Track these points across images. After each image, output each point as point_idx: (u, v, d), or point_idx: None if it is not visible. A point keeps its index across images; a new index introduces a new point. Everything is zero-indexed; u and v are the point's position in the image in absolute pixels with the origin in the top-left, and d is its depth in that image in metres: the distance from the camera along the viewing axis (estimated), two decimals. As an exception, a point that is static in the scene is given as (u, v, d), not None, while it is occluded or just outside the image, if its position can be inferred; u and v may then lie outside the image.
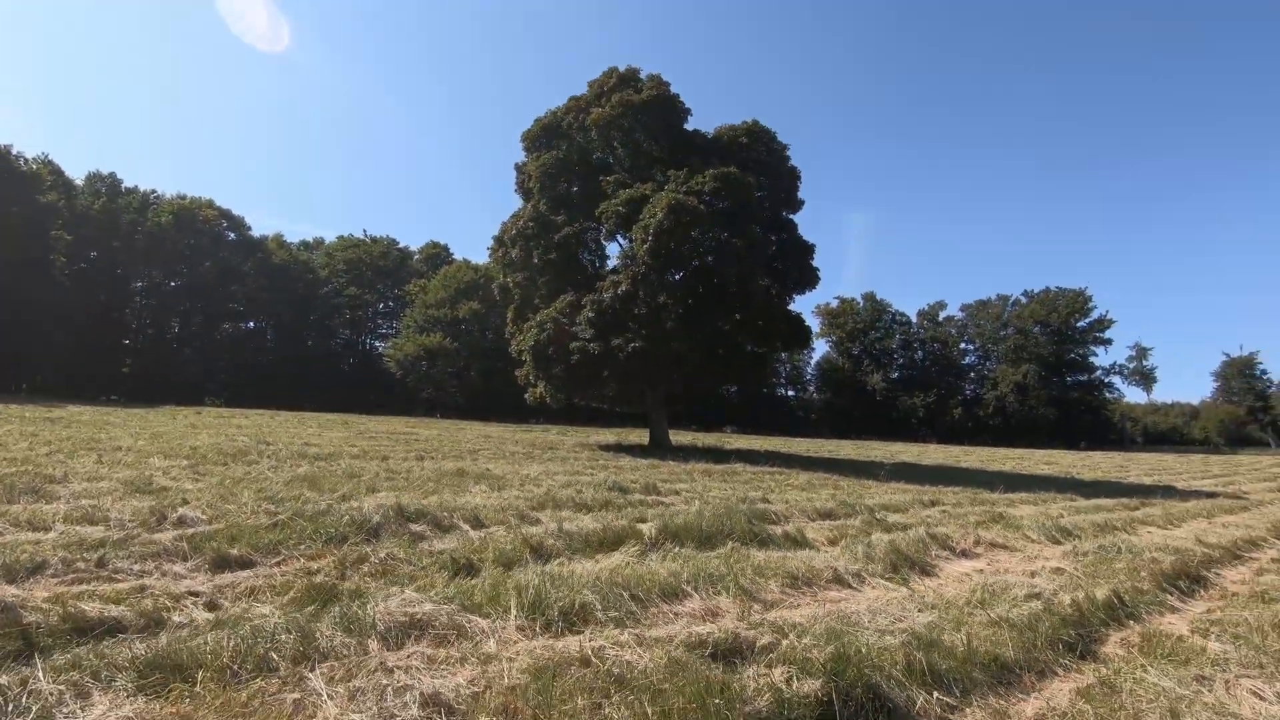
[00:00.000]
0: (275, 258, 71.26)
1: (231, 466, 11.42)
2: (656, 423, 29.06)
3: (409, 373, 64.18)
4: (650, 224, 22.93)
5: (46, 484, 7.82)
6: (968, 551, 7.53)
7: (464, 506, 7.46)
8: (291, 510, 6.60)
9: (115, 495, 7.55)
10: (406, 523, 6.42)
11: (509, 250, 27.85)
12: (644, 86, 27.05)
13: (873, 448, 48.07)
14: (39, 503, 6.91)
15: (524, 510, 7.96)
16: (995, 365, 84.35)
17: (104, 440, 14.48)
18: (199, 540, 5.44)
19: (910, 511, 11.84)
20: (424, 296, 66.62)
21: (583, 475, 14.27)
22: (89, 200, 60.71)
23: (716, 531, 6.76)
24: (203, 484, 9.01)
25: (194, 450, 13.67)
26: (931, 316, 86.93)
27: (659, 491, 12.38)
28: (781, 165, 27.57)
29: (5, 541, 5.09)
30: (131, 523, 6.07)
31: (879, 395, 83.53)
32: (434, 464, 14.68)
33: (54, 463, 9.96)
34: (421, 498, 8.62)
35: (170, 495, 7.74)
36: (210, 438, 17.39)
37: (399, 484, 10.28)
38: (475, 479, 11.74)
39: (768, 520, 9.24)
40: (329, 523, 6.04)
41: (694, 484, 14.17)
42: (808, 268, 27.50)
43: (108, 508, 6.63)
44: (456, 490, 9.89)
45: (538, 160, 27.71)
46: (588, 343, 24.23)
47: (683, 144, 27.30)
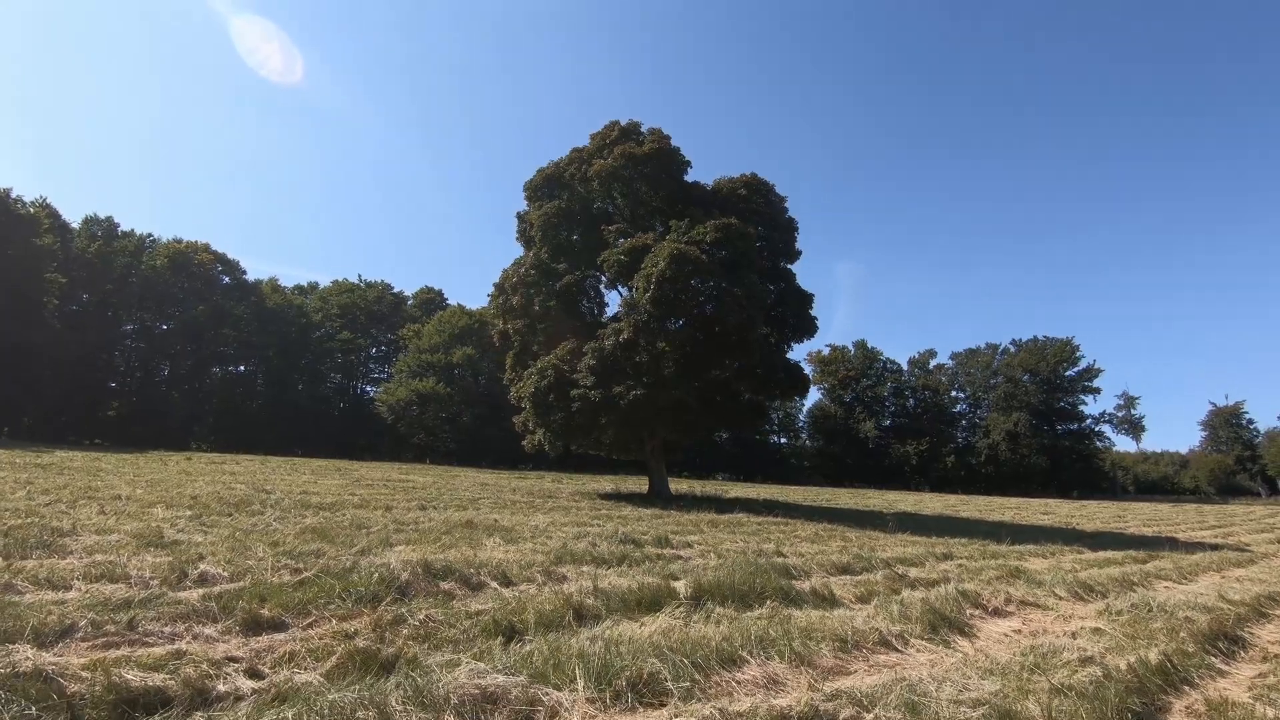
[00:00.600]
0: (269, 301, 71.24)
1: (237, 517, 11.16)
2: (655, 471, 28.81)
3: (400, 418, 63.60)
4: (652, 273, 23.18)
5: (56, 537, 7.59)
6: (999, 610, 7.41)
7: (488, 562, 7.28)
8: (317, 567, 6.44)
9: (128, 549, 7.33)
10: (434, 580, 6.26)
11: (510, 297, 28.01)
12: (646, 139, 27.72)
13: (868, 496, 47.82)
14: (52, 558, 6.69)
15: (546, 566, 7.79)
16: (986, 413, 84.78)
17: (101, 488, 14.14)
18: (226, 600, 5.26)
19: (926, 566, 11.69)
20: (418, 341, 66.56)
21: (590, 526, 14.04)
22: (84, 244, 60.80)
23: (749, 590, 6.63)
24: (212, 536, 8.78)
25: (194, 499, 13.37)
26: (922, 364, 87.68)
27: (671, 544, 12.19)
28: (780, 216, 28.12)
29: (28, 602, 4.91)
30: (153, 580, 5.88)
31: (871, 443, 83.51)
32: (438, 514, 14.42)
33: (56, 513, 9.70)
34: (439, 551, 8.44)
35: (184, 549, 7.53)
36: (207, 486, 17.04)
37: (410, 536, 10.06)
38: (486, 531, 11.52)
39: (789, 575, 9.08)
40: (357, 581, 5.87)
41: (704, 536, 13.97)
42: (806, 317, 27.78)
43: (124, 563, 6.43)
44: (471, 543, 9.69)
45: (540, 209, 28.12)
46: (589, 390, 24.17)
47: (683, 195, 27.83)
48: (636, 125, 28.39)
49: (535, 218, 28.06)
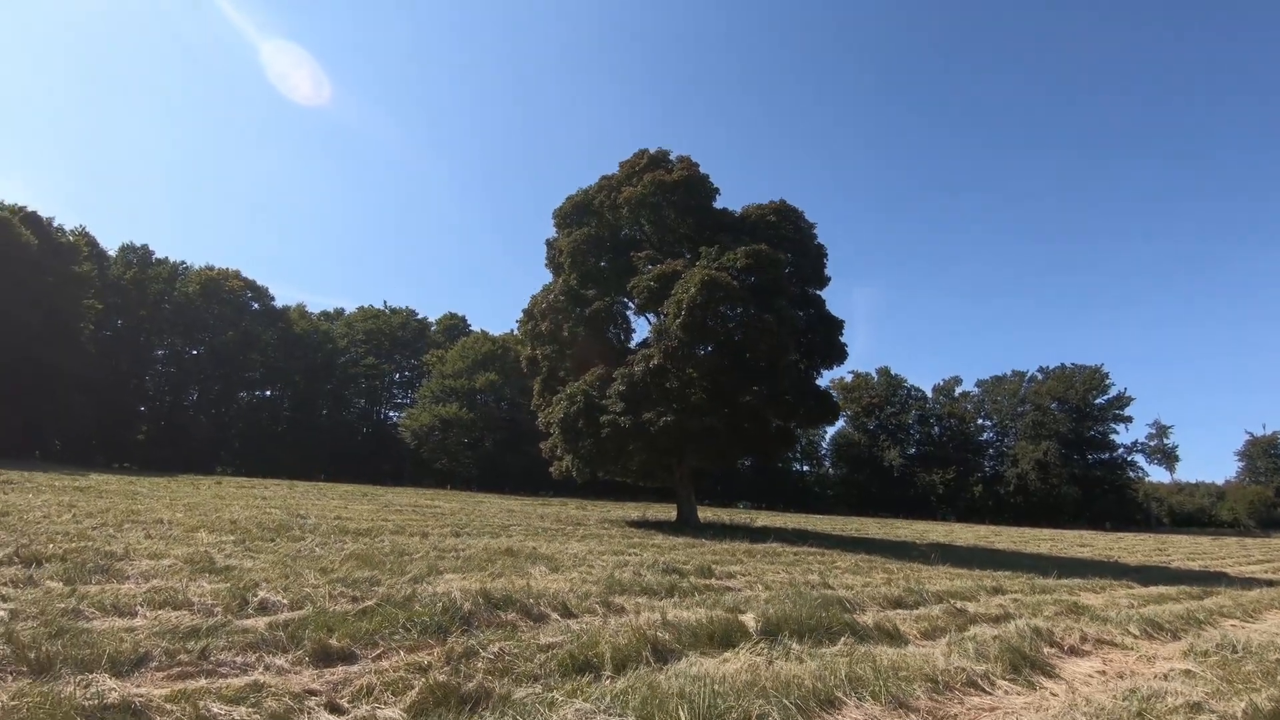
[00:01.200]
0: (296, 327, 72.33)
1: (279, 542, 11.11)
2: (684, 499, 28.49)
3: (423, 443, 63.80)
4: (683, 299, 23.15)
5: (111, 562, 7.57)
6: (1075, 649, 7.09)
7: (543, 592, 7.12)
8: (376, 596, 6.33)
9: (183, 574, 7.29)
10: (496, 610, 6.11)
11: (539, 323, 28.13)
12: (675, 167, 27.92)
13: (896, 526, 46.84)
14: (111, 582, 6.65)
15: (603, 596, 7.61)
16: (1014, 442, 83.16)
17: (142, 512, 14.20)
18: (293, 629, 5.16)
19: (980, 600, 11.30)
20: (441, 367, 67.01)
21: (629, 555, 13.81)
22: (120, 270, 62.34)
23: (817, 624, 6.40)
24: (260, 561, 8.71)
25: (234, 524, 13.37)
26: (947, 392, 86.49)
27: (714, 574, 11.92)
28: (808, 242, 28.08)
29: (98, 629, 4.84)
30: (216, 607, 5.80)
31: (896, 471, 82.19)
32: (474, 540, 14.28)
33: (105, 537, 9.71)
34: (489, 580, 8.30)
35: (238, 575, 7.46)
36: (243, 510, 17.06)
37: (455, 564, 9.92)
38: (528, 559, 11.37)
39: (844, 608, 8.80)
40: (420, 611, 5.75)
41: (744, 566, 13.66)
42: (836, 343, 27.56)
43: (183, 589, 6.36)
44: (518, 572, 9.52)
45: (569, 236, 28.34)
46: (618, 416, 24.06)
47: (711, 222, 27.91)
48: (665, 153, 28.64)
49: (565, 245, 28.27)
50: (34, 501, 14.69)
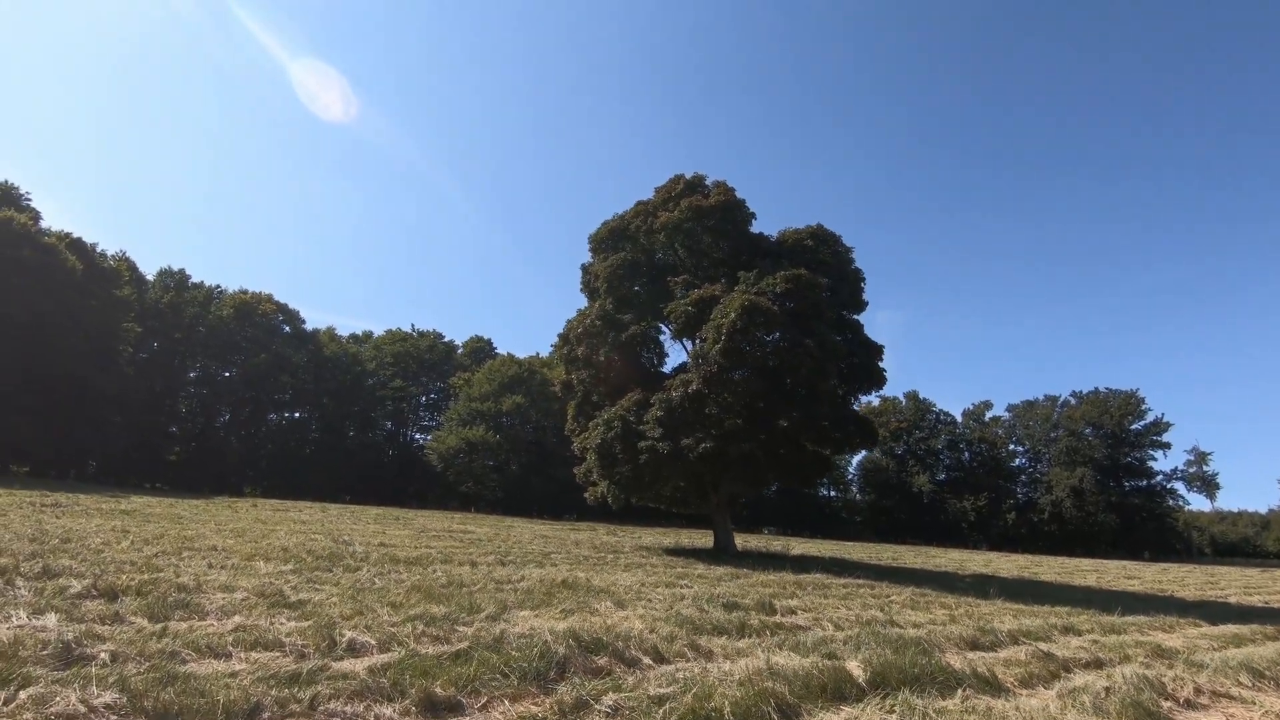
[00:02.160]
0: (326, 350, 73.23)
1: (336, 572, 10.99)
2: (720, 525, 28.06)
3: (449, 466, 63.83)
4: (723, 324, 22.99)
5: (186, 595, 7.48)
6: (1191, 702, 6.68)
7: (629, 633, 6.87)
8: (463, 636, 6.15)
9: (259, 610, 7.17)
10: (589, 654, 5.89)
11: (574, 347, 28.08)
12: (711, 192, 27.94)
13: (932, 555, 45.72)
14: (193, 618, 6.55)
15: (686, 636, 7.35)
16: (1047, 468, 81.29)
17: (194, 538, 14.20)
18: (393, 675, 4.99)
19: (1057, 640, 10.82)
20: (468, 390, 67.28)
21: (681, 587, 13.51)
22: (158, 294, 63.71)
23: (920, 673, 6.09)
24: (326, 594, 8.58)
25: (285, 551, 13.31)
26: (977, 416, 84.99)
27: (775, 610, 11.56)
28: (846, 267, 27.85)
29: (200, 673, 4.70)
30: (306, 648, 5.65)
31: (926, 497, 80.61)
32: (523, 570, 14.07)
33: (170, 567, 9.65)
34: (560, 618, 8.10)
35: (310, 610, 7.34)
36: (289, 537, 17.03)
37: (516, 597, 9.72)
38: (586, 591, 11.13)
39: (921, 651, 8.43)
40: (516, 655, 5.54)
41: (801, 600, 13.26)
42: (874, 368, 27.16)
43: (268, 627, 6.24)
44: (583, 607, 9.29)
45: (605, 261, 28.39)
46: (656, 442, 23.80)
47: (748, 246, 27.82)
48: (701, 178, 28.69)
49: (601, 269, 28.31)
50: (88, 526, 14.78)
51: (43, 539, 11.47)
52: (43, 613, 6.03)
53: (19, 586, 7.07)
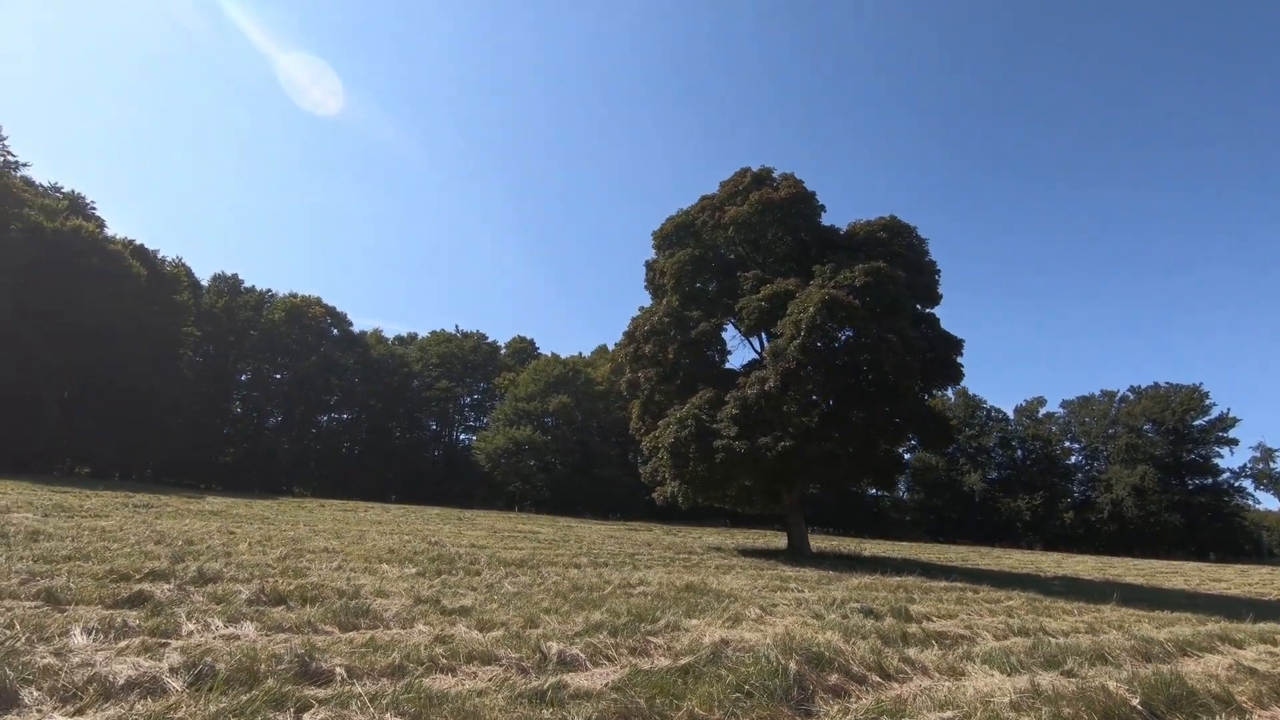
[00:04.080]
0: (374, 352, 74.10)
1: (459, 575, 10.71)
2: (795, 526, 27.45)
3: (496, 465, 64.05)
4: (802, 319, 22.39)
5: (345, 599, 7.22)
6: None
7: (835, 646, 6.40)
8: (668, 647, 5.74)
9: (433, 617, 6.88)
10: (819, 670, 5.43)
11: (641, 345, 27.68)
12: (779, 185, 27.32)
13: (996, 555, 44.31)
14: (377, 627, 6.26)
15: (875, 648, 6.86)
16: (1104, 466, 78.65)
17: (299, 540, 14.12)
18: (641, 694, 4.59)
19: (1226, 652, 10.07)
20: (514, 390, 67.45)
21: (793, 591, 13.01)
22: (212, 299, 65.08)
23: (1178, 694, 5.52)
24: (474, 600, 8.25)
25: (392, 553, 13.12)
26: (1030, 413, 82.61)
27: (909, 616, 10.98)
28: (920, 259, 26.98)
29: (444, 690, 4.36)
30: (523, 663, 5.30)
31: (978, 497, 78.61)
32: (628, 572, 13.67)
33: (303, 568, 9.45)
34: (728, 626, 7.68)
35: (476, 616, 7.02)
36: (380, 537, 16.93)
37: (652, 601, 9.31)
38: (713, 596, 10.69)
39: (1115, 665, 7.82)
40: (750, 673, 5.11)
41: (927, 605, 12.63)
42: (953, 364, 26.28)
43: (462, 637, 5.91)
44: (728, 612, 8.84)
45: (671, 258, 27.93)
46: (732, 440, 23.27)
47: (818, 240, 27.14)
48: (768, 171, 28.08)
49: (667, 266, 27.86)
50: (193, 528, 14.80)
51: (166, 541, 11.41)
52: (236, 621, 5.78)
53: (191, 592, 6.87)
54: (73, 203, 46.19)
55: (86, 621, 5.27)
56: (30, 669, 3.90)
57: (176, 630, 5.36)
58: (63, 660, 4.17)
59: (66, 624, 5.18)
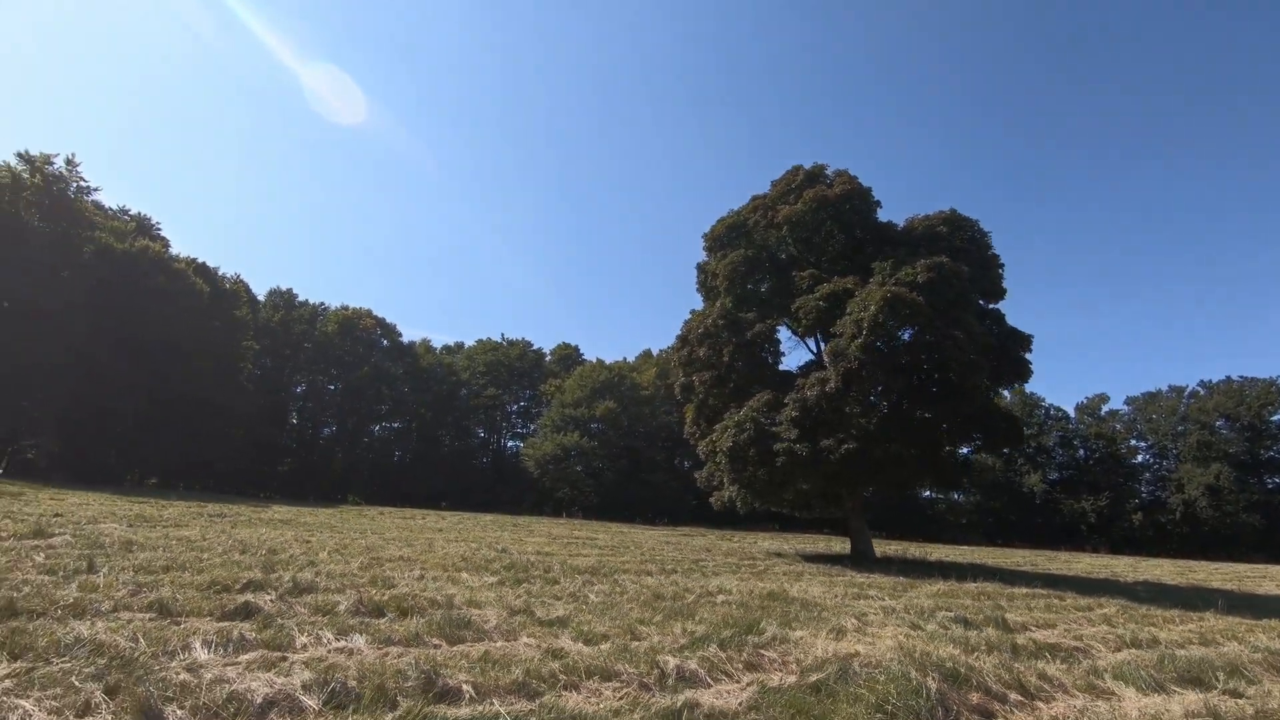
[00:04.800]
0: (423, 361, 75.44)
1: (538, 584, 10.58)
2: (858, 530, 26.77)
3: (545, 472, 64.40)
4: (863, 318, 21.81)
5: (440, 610, 7.11)
6: None
7: (965, 662, 6.02)
8: (780, 662, 5.44)
9: (530, 629, 6.72)
10: (959, 689, 5.07)
11: (694, 348, 27.40)
12: (833, 181, 26.78)
13: (1064, 559, 42.51)
14: (483, 640, 6.11)
15: (998, 662, 6.43)
16: (1174, 465, 75.06)
17: (373, 548, 14.23)
18: (779, 715, 4.31)
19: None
20: (560, 396, 67.80)
21: (873, 599, 12.51)
22: (269, 314, 67.14)
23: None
24: (565, 610, 8.07)
25: (466, 560, 13.10)
26: (1092, 411, 79.44)
27: (1007, 626, 10.42)
28: (984, 253, 26.08)
29: (586, 710, 4.15)
30: (644, 679, 5.07)
31: (1038, 498, 75.81)
32: (696, 580, 13.38)
33: (388, 577, 9.42)
34: (834, 638, 7.32)
35: (582, 629, 6.83)
36: (448, 544, 16.99)
37: (739, 611, 9.00)
38: (798, 605, 10.33)
39: None
40: (887, 692, 4.78)
41: (1033, 614, 11.99)
42: (1021, 360, 25.30)
43: (571, 650, 5.71)
44: (823, 623, 8.48)
45: (724, 259, 27.61)
46: (793, 444, 22.79)
47: (875, 237, 26.49)
48: (821, 168, 27.56)
49: (719, 268, 27.54)
50: (270, 536, 15.07)
51: (251, 551, 11.58)
52: (345, 634, 5.70)
53: (292, 603, 6.85)
54: (139, 224, 48.17)
55: (204, 634, 5.24)
56: (168, 685, 3.83)
57: (290, 643, 5.29)
58: (195, 676, 4.10)
59: (185, 637, 5.16)
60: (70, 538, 11.29)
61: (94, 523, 15.22)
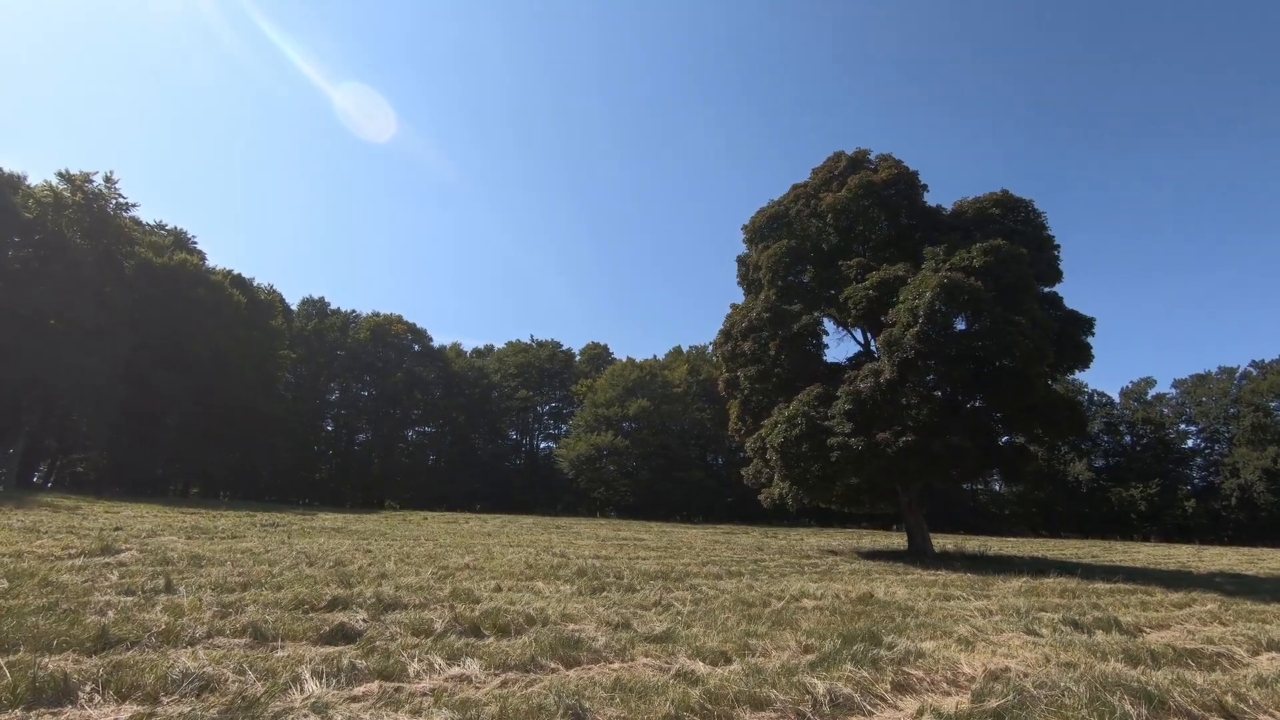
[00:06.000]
0: (454, 365, 75.71)
1: (615, 593, 10.09)
2: (915, 525, 25.98)
3: (580, 472, 64.19)
4: (919, 305, 21.02)
5: (536, 627, 6.66)
6: None
7: (1147, 679, 5.42)
8: (924, 679, 4.89)
9: (641, 645, 6.23)
10: (1152, 710, 4.48)
11: (739, 343, 26.77)
12: (878, 167, 25.98)
13: (1121, 549, 41.11)
14: (597, 662, 5.64)
15: (1188, 682, 5.80)
16: (1226, 449, 72.47)
17: (435, 556, 13.91)
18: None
19: None
20: (593, 396, 67.51)
21: (960, 600, 11.84)
22: (303, 322, 67.84)
23: None
24: (663, 623, 7.60)
25: (531, 568, 12.70)
26: (1138, 395, 77.08)
27: (1122, 628, 9.69)
28: (1039, 235, 25.07)
29: None
30: (799, 705, 4.56)
31: (1084, 487, 73.69)
32: (770, 583, 12.82)
33: (470, 590, 9.01)
34: (962, 648, 6.74)
35: (697, 645, 6.32)
36: (504, 550, 16.64)
37: (841, 620, 8.45)
38: (897, 609, 9.74)
39: None
40: (1071, 710, 4.21)
41: (1136, 614, 11.23)
42: (1083, 345, 24.29)
43: (700, 672, 5.21)
44: (930, 632, 7.89)
45: (766, 250, 26.93)
46: (848, 437, 22.06)
47: (924, 223, 25.63)
48: (865, 153, 26.74)
49: (762, 259, 26.88)
50: (329, 546, 14.84)
51: (317, 563, 11.30)
52: (456, 658, 5.27)
53: (387, 623, 6.46)
54: (176, 238, 48.86)
55: (309, 662, 4.85)
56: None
57: (403, 671, 4.87)
58: (324, 718, 3.68)
59: (291, 666, 4.76)
60: (137, 553, 11.10)
61: (154, 535, 15.14)
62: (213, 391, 44.29)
